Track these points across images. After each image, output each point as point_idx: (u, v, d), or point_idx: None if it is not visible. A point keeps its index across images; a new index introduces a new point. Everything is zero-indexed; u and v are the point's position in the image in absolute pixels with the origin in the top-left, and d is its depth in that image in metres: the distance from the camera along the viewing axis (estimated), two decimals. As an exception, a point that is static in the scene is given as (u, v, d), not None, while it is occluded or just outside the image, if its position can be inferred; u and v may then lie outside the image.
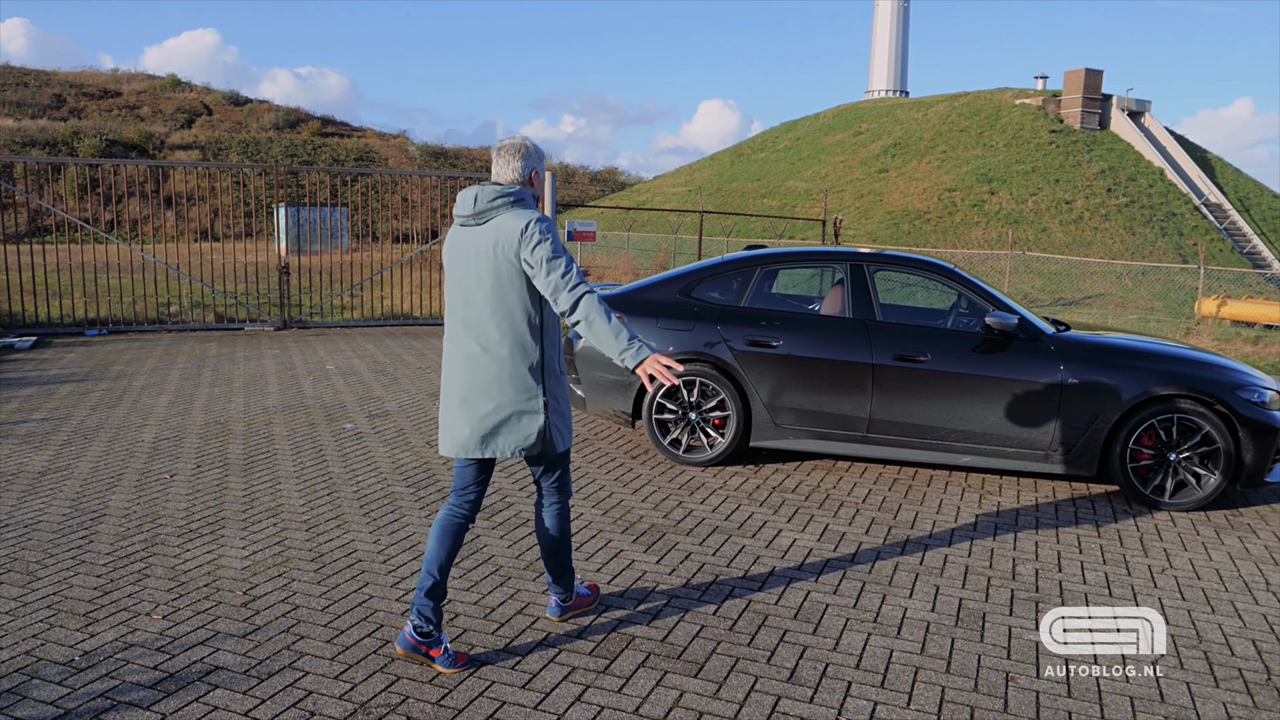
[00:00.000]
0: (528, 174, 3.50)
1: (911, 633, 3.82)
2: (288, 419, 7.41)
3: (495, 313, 3.40)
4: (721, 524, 5.08)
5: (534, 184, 3.54)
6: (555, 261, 3.30)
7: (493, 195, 3.39)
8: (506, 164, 3.48)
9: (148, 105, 56.21)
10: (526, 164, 3.49)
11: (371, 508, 5.25)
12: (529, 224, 3.32)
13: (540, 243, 3.30)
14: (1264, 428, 5.44)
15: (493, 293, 3.39)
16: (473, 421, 3.44)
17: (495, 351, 3.41)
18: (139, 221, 31.28)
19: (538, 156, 3.57)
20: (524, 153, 3.50)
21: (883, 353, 5.82)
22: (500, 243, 3.35)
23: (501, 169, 3.49)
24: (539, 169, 3.54)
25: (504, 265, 3.36)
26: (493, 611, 3.94)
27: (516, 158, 3.48)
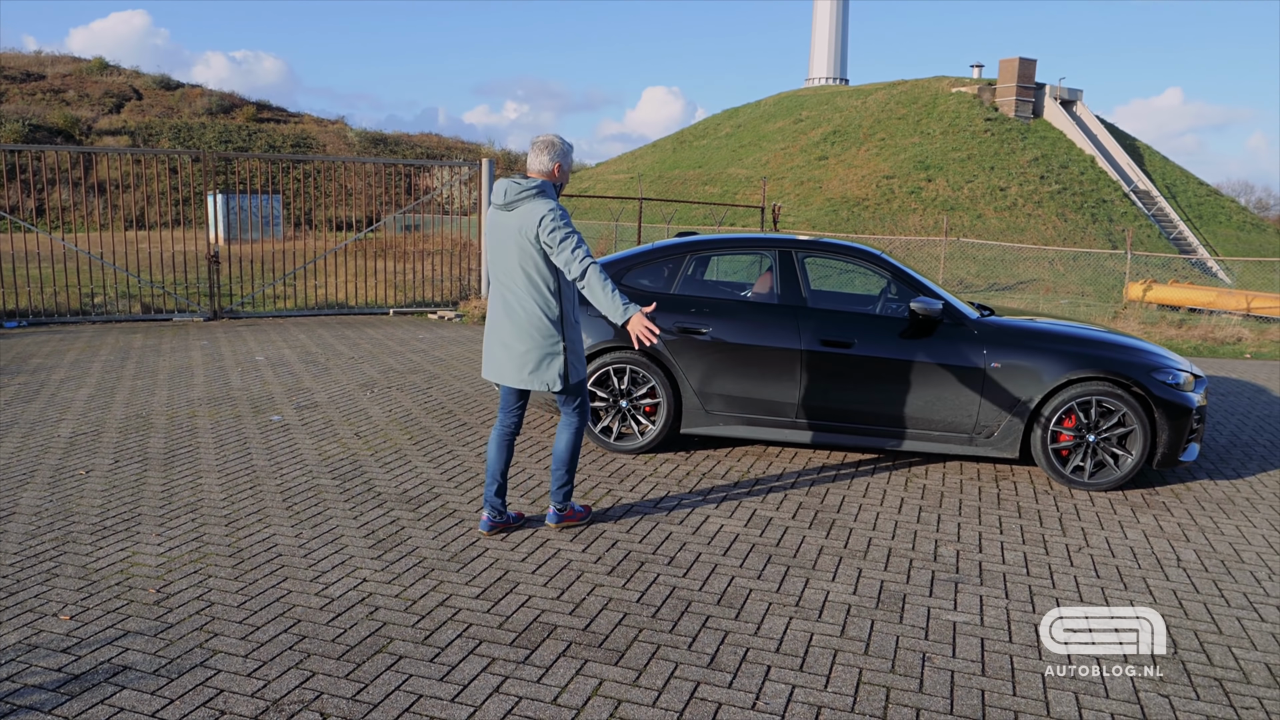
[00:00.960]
0: (553, 166, 4.42)
1: (833, 616, 3.85)
2: (212, 411, 7.24)
3: (524, 278, 4.37)
4: (650, 511, 5.08)
5: (557, 174, 4.45)
6: (566, 241, 4.22)
7: (519, 190, 4.33)
8: (538, 156, 4.42)
9: (73, 89, 54.43)
10: (553, 158, 4.42)
11: (295, 501, 5.16)
12: (546, 213, 4.25)
13: (555, 228, 4.23)
14: (1178, 409, 5.59)
15: (519, 263, 4.36)
16: (513, 359, 4.45)
17: (526, 307, 4.39)
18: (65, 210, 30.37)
19: (564, 152, 4.47)
20: (552, 149, 4.42)
21: (811, 338, 5.86)
22: (524, 227, 4.29)
23: (534, 159, 4.43)
24: (563, 163, 4.46)
25: (527, 243, 4.31)
26: (414, 604, 3.89)
27: (546, 152, 4.41)
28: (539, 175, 4.43)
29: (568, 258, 4.20)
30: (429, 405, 7.61)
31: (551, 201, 4.32)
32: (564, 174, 4.48)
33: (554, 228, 4.22)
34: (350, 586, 4.06)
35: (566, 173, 4.50)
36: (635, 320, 4.17)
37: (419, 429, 6.79)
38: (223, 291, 14.31)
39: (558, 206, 4.29)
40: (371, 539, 4.61)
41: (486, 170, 14.69)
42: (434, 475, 5.67)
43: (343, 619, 3.76)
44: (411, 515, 4.96)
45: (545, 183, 4.36)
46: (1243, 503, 5.61)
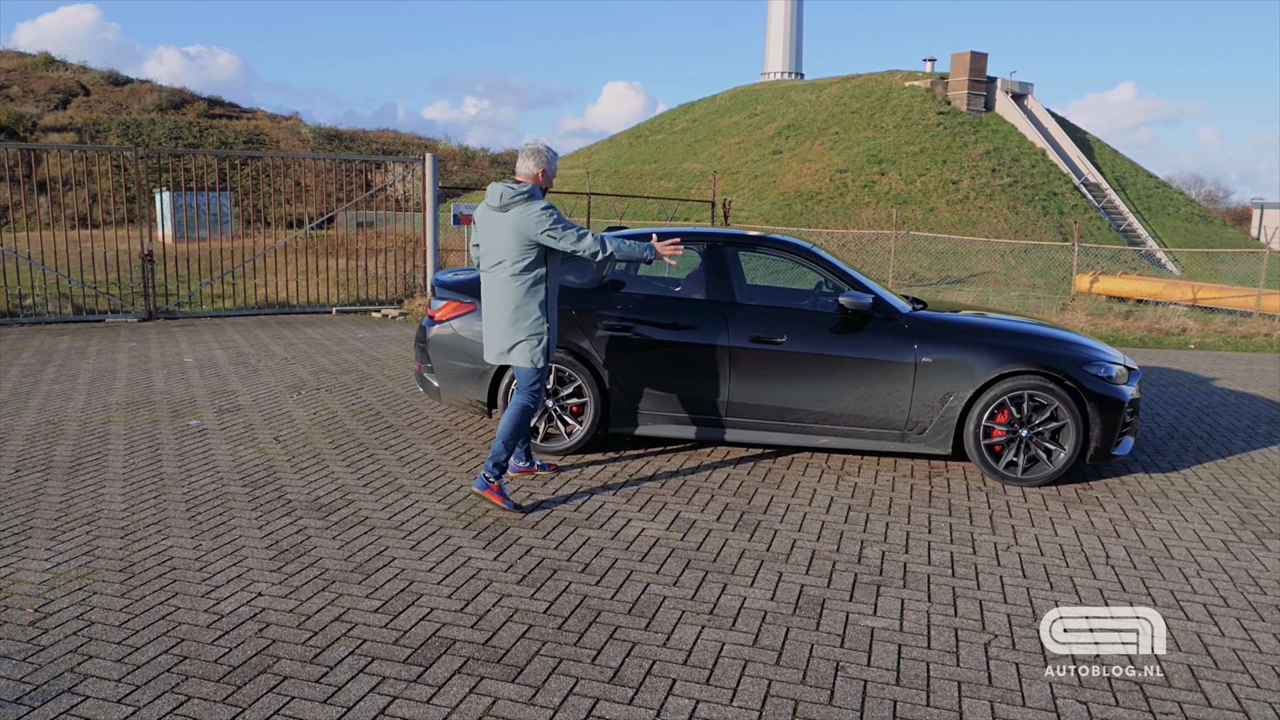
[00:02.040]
0: (538, 170, 4.93)
1: (747, 624, 3.70)
2: (129, 416, 6.95)
3: (515, 269, 4.85)
4: (570, 515, 4.90)
5: (542, 178, 4.96)
6: (567, 232, 4.80)
7: (513, 194, 4.81)
8: (525, 161, 4.95)
9: (18, 85, 53.04)
10: (538, 163, 4.94)
11: (199, 511, 4.91)
12: (541, 213, 4.77)
13: (553, 225, 4.78)
14: (1110, 402, 5.52)
15: (509, 259, 4.85)
16: (501, 340, 4.97)
17: (515, 294, 4.87)
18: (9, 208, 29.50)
19: (549, 158, 5.00)
20: (538, 156, 4.95)
21: (740, 335, 5.71)
22: (521, 226, 4.79)
23: (522, 164, 4.95)
24: (548, 168, 4.98)
25: (521, 241, 4.80)
26: (308, 619, 3.68)
27: (532, 159, 4.94)
28: (527, 179, 4.93)
29: (574, 244, 4.80)
30: (356, 407, 7.37)
31: (542, 202, 4.84)
32: (548, 177, 5.00)
33: (551, 225, 4.78)
34: (243, 602, 3.84)
35: (550, 176, 5.02)
36: (659, 248, 5.04)
37: (342, 432, 6.56)
38: (159, 291, 13.93)
39: (548, 205, 4.82)
40: (274, 550, 4.39)
41: (430, 166, 14.42)
42: (350, 481, 5.44)
43: (229, 637, 3.54)
44: (320, 524, 4.74)
45: (534, 186, 4.89)
46: (1176, 496, 5.55)
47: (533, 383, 4.99)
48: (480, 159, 64.28)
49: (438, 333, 6.10)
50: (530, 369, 4.94)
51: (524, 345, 4.90)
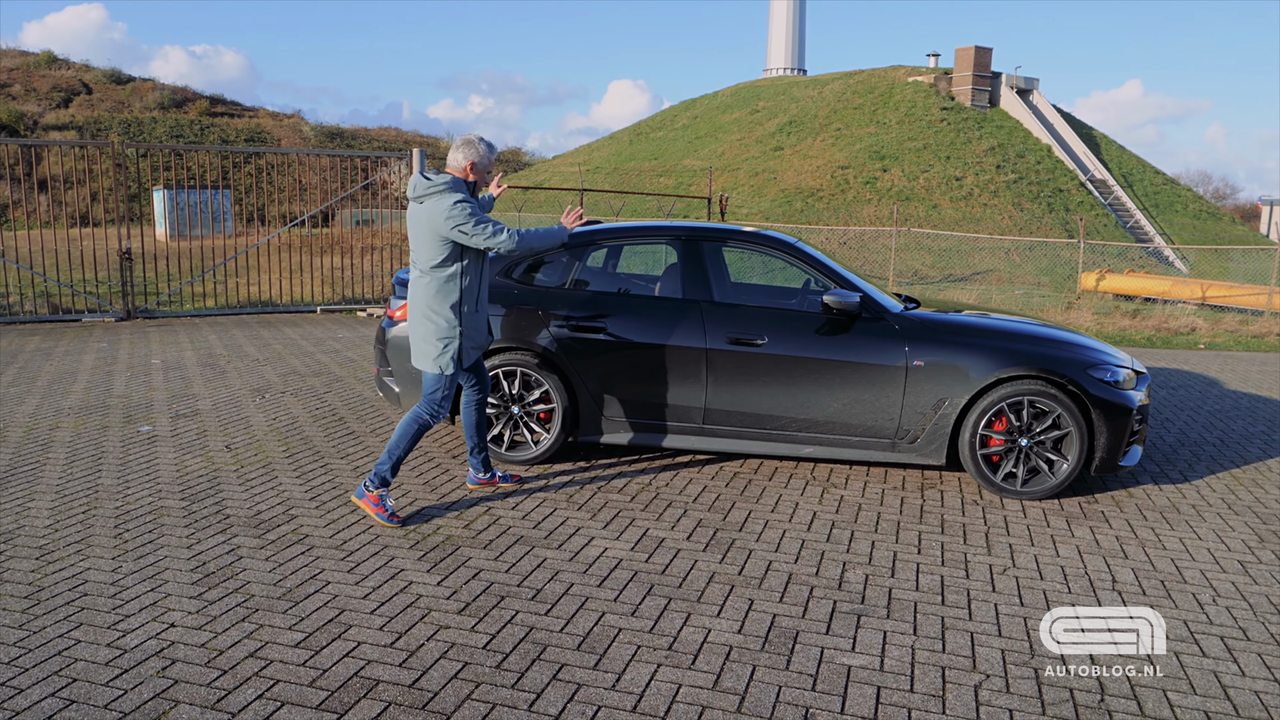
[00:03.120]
0: (466, 164, 4.60)
1: (708, 661, 3.30)
2: (79, 422, 6.57)
3: (430, 266, 4.53)
4: (528, 533, 4.51)
5: (470, 172, 4.61)
6: (478, 228, 4.45)
7: (428, 186, 4.50)
8: (454, 153, 4.63)
9: (20, 83, 52.87)
10: (466, 156, 4.60)
11: (128, 528, 4.53)
12: (452, 206, 4.42)
13: (463, 220, 4.42)
14: (1117, 409, 5.11)
15: (426, 253, 4.52)
16: (415, 342, 4.66)
17: (429, 293, 4.56)
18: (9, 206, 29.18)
19: (481, 152, 4.63)
20: (468, 148, 4.61)
21: (717, 336, 5.31)
22: (433, 219, 4.46)
23: (451, 155, 4.64)
24: (477, 161, 4.61)
25: (433, 236, 4.49)
26: (219, 656, 3.29)
27: (461, 150, 4.62)
28: (454, 171, 4.61)
29: (485, 240, 4.47)
30: (320, 412, 6.98)
31: (458, 195, 4.46)
32: (478, 172, 4.64)
33: (462, 220, 4.41)
34: (151, 634, 3.45)
35: (483, 171, 4.67)
36: (567, 223, 4.92)
37: (299, 439, 6.17)
38: (143, 290, 13.56)
39: (465, 200, 4.45)
40: (198, 573, 4.00)
41: (418, 161, 14.04)
42: (297, 494, 5.06)
43: (127, 677, 3.15)
44: (255, 543, 4.35)
45: (456, 179, 4.53)
46: (1188, 511, 5.14)
47: (435, 391, 4.63)
48: (482, 157, 63.94)
49: (397, 334, 5.72)
50: (434, 376, 4.61)
51: (429, 350, 4.58)
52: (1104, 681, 3.24)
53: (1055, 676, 3.26)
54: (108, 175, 27.69)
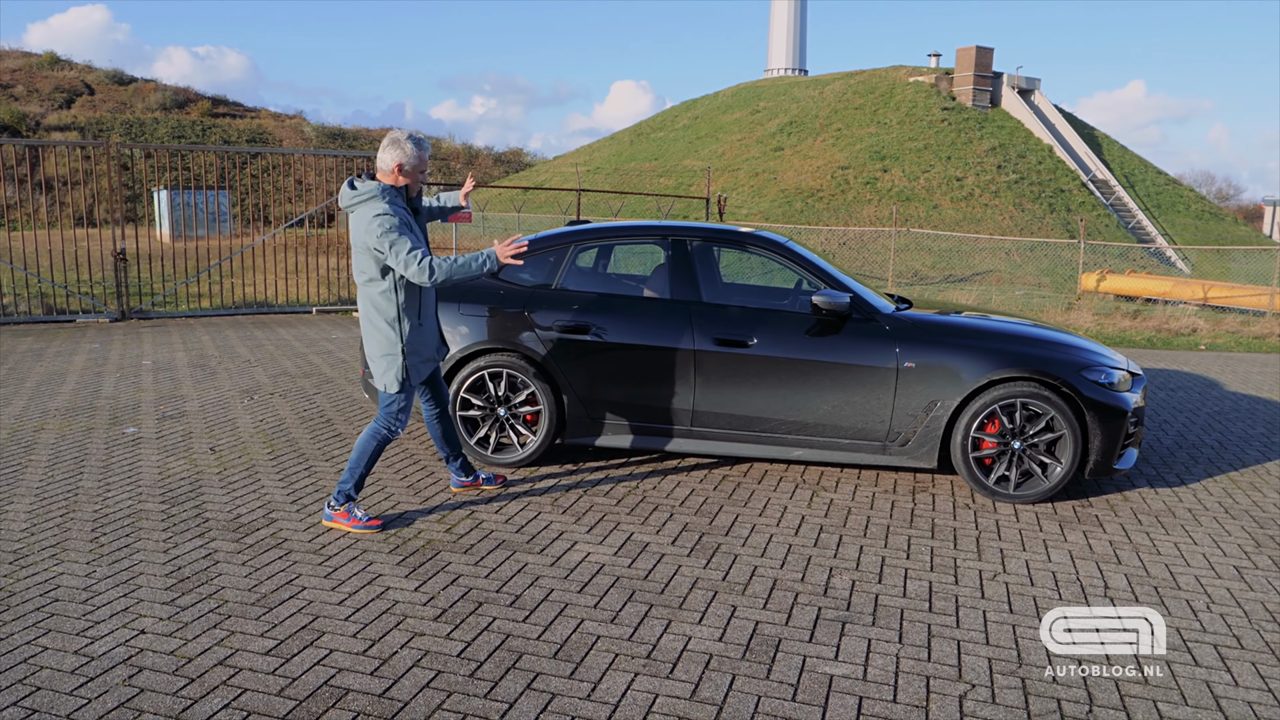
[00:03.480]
0: (394, 165, 4.22)
1: (687, 670, 3.22)
2: (64, 423, 6.51)
3: (364, 279, 4.29)
4: (510, 537, 4.43)
5: (398, 175, 4.24)
6: (396, 247, 4.10)
7: (352, 196, 4.23)
8: (380, 154, 4.27)
9: (22, 84, 52.90)
10: (395, 156, 4.22)
11: (105, 532, 4.46)
12: (373, 219, 4.12)
13: (383, 234, 4.10)
14: (1111, 411, 5.03)
15: (360, 265, 4.28)
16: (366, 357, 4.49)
17: (367, 308, 4.35)
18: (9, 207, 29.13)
19: (410, 151, 4.23)
20: (394, 147, 4.23)
21: (705, 337, 5.23)
22: (358, 230, 4.21)
23: (379, 158, 4.28)
24: (406, 162, 4.22)
25: (361, 247, 4.22)
26: (188, 664, 3.22)
27: (388, 151, 4.24)
28: (381, 176, 4.31)
29: (404, 262, 4.13)
30: (307, 414, 6.91)
31: (379, 207, 4.16)
32: (408, 174, 4.27)
33: (381, 233, 4.11)
34: (121, 641, 3.38)
35: (415, 173, 4.28)
36: (499, 252, 4.24)
37: (284, 441, 6.10)
38: (139, 291, 13.50)
39: (388, 211, 4.15)
40: (173, 578, 3.93)
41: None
42: (279, 497, 4.98)
43: (92, 686, 3.08)
44: (233, 547, 4.27)
45: (384, 186, 4.22)
46: (1184, 515, 5.05)
47: (389, 405, 4.44)
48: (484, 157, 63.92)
49: (382, 335, 5.63)
50: (385, 393, 4.42)
51: (377, 366, 4.38)
52: (1092, 690, 3.16)
53: (1042, 685, 3.18)
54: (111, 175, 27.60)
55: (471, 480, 5.05)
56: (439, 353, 4.64)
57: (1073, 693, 3.15)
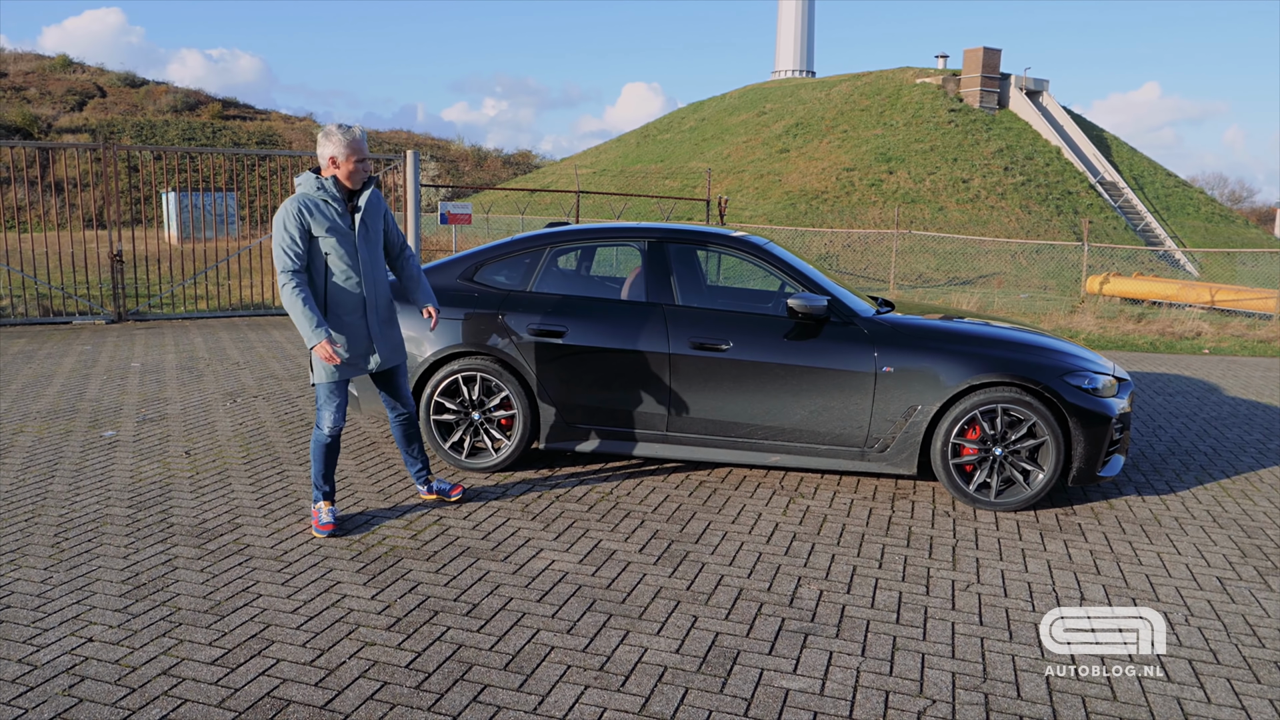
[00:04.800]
0: (328, 158, 4.16)
1: (639, 683, 3.14)
2: (43, 426, 6.46)
3: None
4: (475, 543, 4.35)
5: (335, 167, 4.15)
6: (278, 248, 4.09)
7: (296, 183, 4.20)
8: (319, 147, 4.18)
9: (35, 87, 53.22)
10: (330, 148, 4.15)
11: (68, 537, 4.40)
12: (280, 212, 4.11)
13: (277, 233, 4.10)
14: (1095, 417, 4.92)
15: None
16: None
17: None
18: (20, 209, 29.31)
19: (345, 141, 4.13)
20: (328, 139, 4.15)
21: (680, 341, 5.15)
22: None
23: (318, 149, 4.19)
24: (336, 152, 4.13)
25: None
26: (131, 673, 3.15)
27: (323, 143, 4.16)
28: (323, 171, 4.24)
29: (277, 265, 4.11)
30: (289, 417, 6.85)
31: (283, 209, 4.12)
32: (345, 164, 4.16)
33: (276, 228, 4.12)
34: (67, 649, 3.32)
35: (349, 162, 4.16)
36: (318, 348, 4.13)
37: (261, 445, 6.04)
38: (138, 293, 13.49)
39: (286, 212, 4.10)
40: (129, 584, 3.86)
41: (411, 163, 13.92)
42: (247, 502, 4.92)
43: (30, 695, 3.01)
44: (194, 553, 4.21)
45: (312, 180, 4.19)
46: (1170, 524, 4.94)
47: (318, 401, 4.41)
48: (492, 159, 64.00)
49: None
50: (317, 386, 4.39)
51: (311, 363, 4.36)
52: (1057, 707, 3.06)
53: (1005, 702, 3.09)
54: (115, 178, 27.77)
55: (427, 491, 4.94)
56: (369, 360, 4.45)
57: (1037, 710, 3.05)
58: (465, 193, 44.31)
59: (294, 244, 4.10)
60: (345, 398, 4.44)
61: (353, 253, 4.26)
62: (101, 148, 12.69)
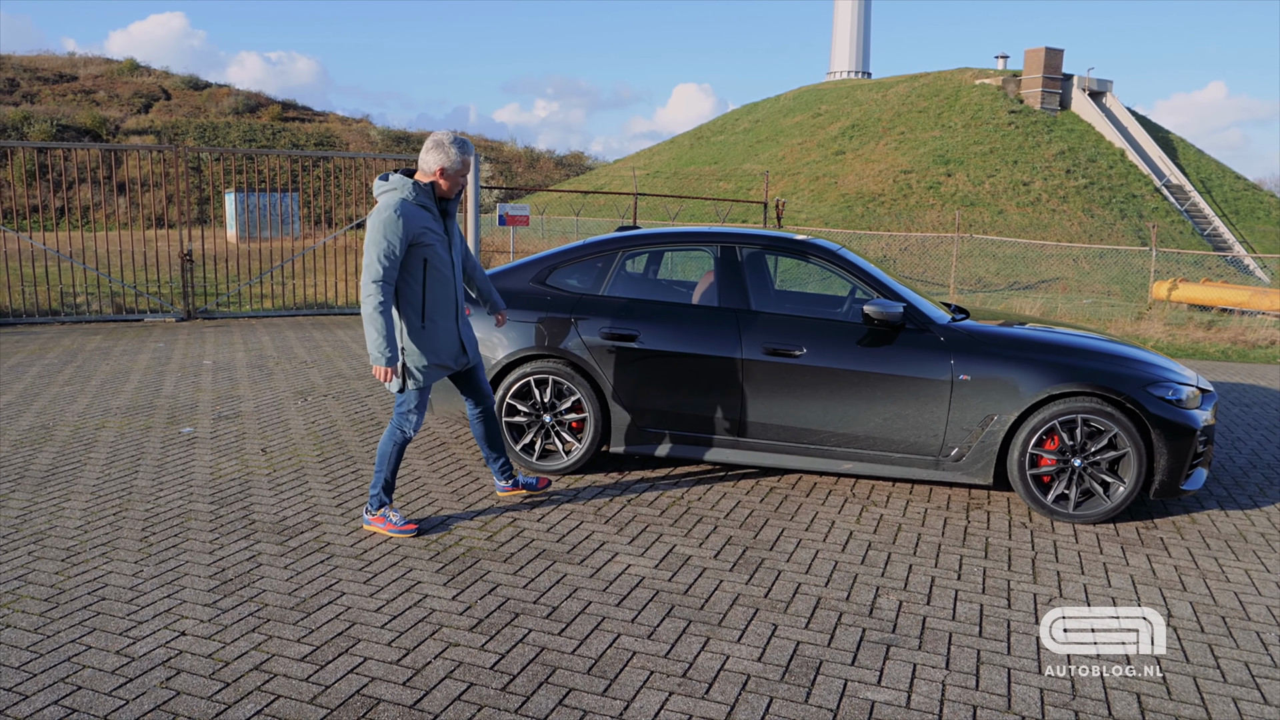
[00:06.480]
0: (436, 169, 4.18)
1: (723, 691, 3.14)
2: (124, 422, 6.64)
3: None
4: (551, 546, 4.39)
5: (439, 176, 4.20)
6: (368, 255, 4.08)
7: (379, 189, 4.22)
8: (422, 155, 4.23)
9: (104, 90, 54.72)
10: (437, 159, 4.18)
11: (155, 531, 4.52)
12: (379, 215, 4.08)
13: (371, 236, 4.08)
14: (1178, 429, 4.81)
15: None
16: None
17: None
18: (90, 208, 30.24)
19: (448, 154, 4.18)
20: (438, 150, 4.18)
21: (754, 346, 5.13)
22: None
23: (421, 158, 4.24)
24: (447, 165, 4.18)
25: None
26: (224, 668, 3.23)
27: (428, 154, 4.20)
28: (421, 176, 4.27)
29: (365, 273, 4.11)
30: (358, 416, 6.96)
31: (390, 210, 4.09)
32: (450, 179, 4.23)
33: (372, 234, 4.10)
34: (161, 642, 3.41)
35: (454, 177, 4.24)
36: (380, 369, 4.19)
37: (334, 444, 6.15)
38: (205, 291, 13.81)
39: (391, 221, 4.08)
40: (216, 580, 3.96)
41: (472, 165, 14.06)
42: (324, 500, 5.01)
43: (130, 687, 3.10)
44: (276, 550, 4.30)
45: (414, 184, 4.18)
46: (1256, 540, 4.81)
47: (400, 405, 4.42)
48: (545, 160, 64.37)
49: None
50: (396, 393, 4.42)
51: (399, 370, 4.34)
52: (1151, 727, 3.00)
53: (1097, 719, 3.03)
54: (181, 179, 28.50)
55: (511, 485, 5.01)
56: (459, 359, 4.52)
57: (1130, 728, 3.00)
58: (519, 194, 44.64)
59: (392, 252, 4.11)
60: (428, 402, 4.56)
61: (446, 257, 4.35)
62: (168, 149, 13.01)
